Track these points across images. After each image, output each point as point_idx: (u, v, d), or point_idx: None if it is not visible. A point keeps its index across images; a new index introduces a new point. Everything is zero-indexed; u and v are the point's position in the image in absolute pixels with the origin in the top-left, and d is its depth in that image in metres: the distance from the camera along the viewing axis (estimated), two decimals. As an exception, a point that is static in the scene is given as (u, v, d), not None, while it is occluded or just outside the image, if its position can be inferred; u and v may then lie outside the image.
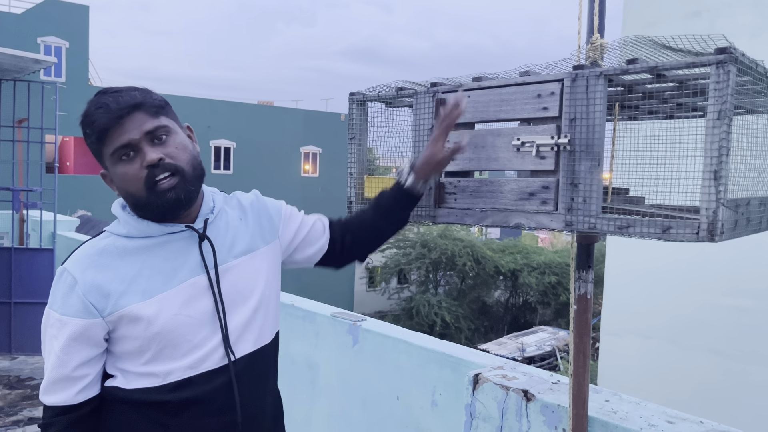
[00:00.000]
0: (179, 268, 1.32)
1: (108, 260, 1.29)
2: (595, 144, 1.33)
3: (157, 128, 1.28)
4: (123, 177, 1.27)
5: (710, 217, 1.19)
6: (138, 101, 1.27)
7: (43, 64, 4.89)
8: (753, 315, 5.14)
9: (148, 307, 1.27)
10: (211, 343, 1.33)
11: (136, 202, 1.29)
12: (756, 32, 5.43)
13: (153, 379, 1.30)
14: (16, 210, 5.82)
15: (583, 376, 1.79)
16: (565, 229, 1.38)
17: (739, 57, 1.18)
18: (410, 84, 1.71)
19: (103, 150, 1.28)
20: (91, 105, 1.28)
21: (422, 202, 1.66)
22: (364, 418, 2.79)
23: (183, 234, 1.34)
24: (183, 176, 1.29)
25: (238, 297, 1.38)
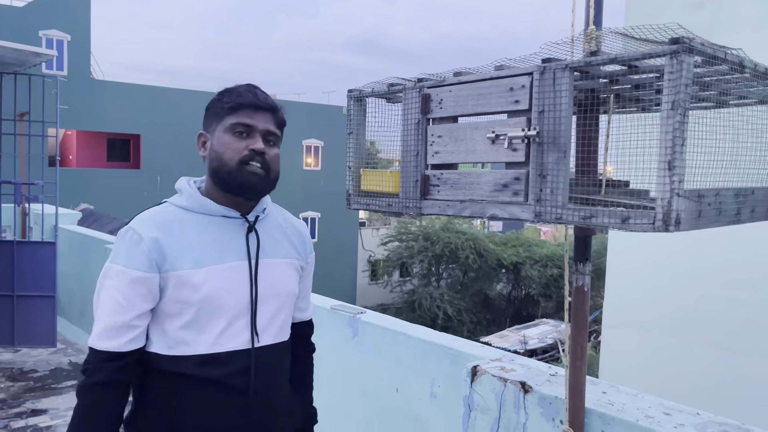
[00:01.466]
0: (227, 249, 1.47)
1: (168, 225, 1.44)
2: (562, 135, 1.36)
3: (274, 134, 1.52)
4: (228, 145, 1.46)
5: (665, 207, 1.20)
6: (276, 107, 1.53)
7: (44, 57, 4.89)
8: (752, 307, 5.15)
9: (196, 275, 1.41)
10: (240, 323, 1.47)
11: (220, 167, 1.46)
12: (758, 24, 5.41)
13: (184, 348, 1.43)
14: (18, 203, 5.84)
15: (581, 368, 1.80)
16: (535, 219, 1.41)
17: (698, 47, 1.17)
18: (400, 80, 1.74)
19: (227, 117, 1.47)
20: (240, 86, 1.51)
21: (410, 194, 1.70)
22: (363, 410, 2.81)
23: (236, 221, 1.51)
24: (268, 175, 1.49)
25: (271, 291, 1.53)
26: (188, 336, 1.44)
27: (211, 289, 1.43)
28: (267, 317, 1.53)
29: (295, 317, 1.72)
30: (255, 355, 1.49)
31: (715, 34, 5.89)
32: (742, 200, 1.49)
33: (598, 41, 1.56)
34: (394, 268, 27.38)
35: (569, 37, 1.55)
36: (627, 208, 1.33)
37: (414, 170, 1.70)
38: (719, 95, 1.55)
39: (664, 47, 1.20)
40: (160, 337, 1.45)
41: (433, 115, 1.66)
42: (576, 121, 1.70)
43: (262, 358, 1.51)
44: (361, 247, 29.29)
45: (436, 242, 25.33)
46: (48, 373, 4.98)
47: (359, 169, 1.91)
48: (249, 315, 1.49)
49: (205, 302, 1.42)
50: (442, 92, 1.63)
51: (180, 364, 1.44)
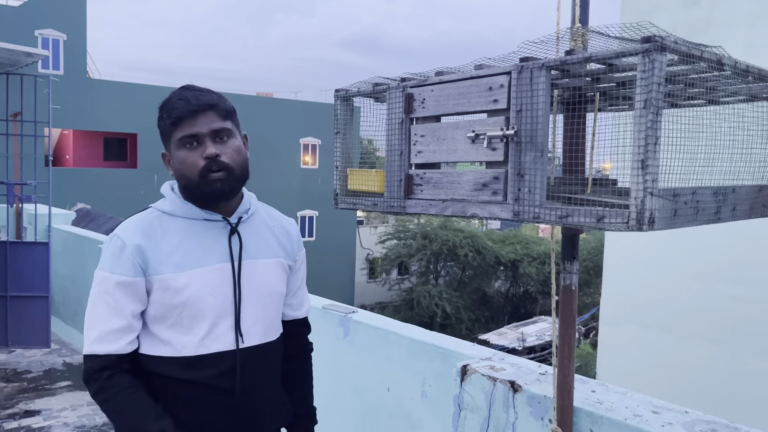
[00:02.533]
0: (210, 252, 1.49)
1: (151, 231, 1.47)
2: (539, 135, 1.36)
3: (222, 129, 1.48)
4: (183, 161, 1.46)
5: (638, 206, 1.20)
6: (213, 103, 1.48)
7: (36, 57, 4.87)
8: (749, 304, 5.15)
9: (178, 279, 1.44)
10: (225, 324, 1.49)
11: (187, 184, 1.48)
12: (754, 21, 5.40)
13: (169, 350, 1.46)
14: (11, 204, 5.82)
15: (569, 367, 1.79)
16: (513, 218, 1.41)
17: (671, 45, 1.16)
18: (385, 79, 1.74)
19: (173, 134, 1.47)
20: (174, 95, 1.49)
21: (394, 193, 1.69)
22: (355, 409, 2.80)
23: (218, 224, 1.52)
24: (231, 174, 1.48)
25: (255, 292, 1.54)
26: (173, 338, 1.46)
27: (194, 292, 1.45)
28: (252, 318, 1.53)
29: (288, 315, 1.72)
30: (240, 356, 1.51)
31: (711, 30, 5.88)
32: (722, 199, 1.48)
33: (584, 40, 1.56)
34: (392, 266, 27.39)
35: (548, 36, 1.54)
36: (606, 207, 1.32)
37: (398, 170, 1.70)
38: (704, 94, 1.54)
39: (636, 46, 1.20)
40: (147, 338, 1.48)
41: (416, 114, 1.65)
42: (563, 119, 1.69)
43: (247, 359, 1.52)
44: (359, 245, 29.29)
45: (434, 240, 25.33)
46: (42, 373, 4.97)
47: (346, 169, 1.91)
48: (233, 317, 1.50)
49: (188, 305, 1.45)
50: (425, 92, 1.62)
51: (166, 366, 1.46)
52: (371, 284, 29.56)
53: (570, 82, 1.60)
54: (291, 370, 1.74)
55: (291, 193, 25.99)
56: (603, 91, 1.70)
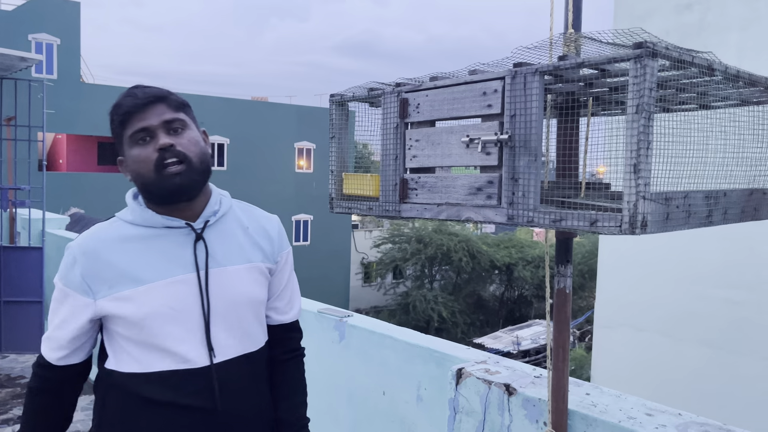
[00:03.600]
0: (172, 262, 1.39)
1: (109, 244, 1.39)
2: (533, 139, 1.37)
3: (175, 120, 1.40)
4: (137, 158, 1.38)
5: (631, 210, 1.21)
6: (162, 94, 1.41)
7: (30, 61, 4.86)
8: (744, 307, 5.17)
9: (137, 294, 1.35)
10: (193, 340, 1.39)
11: (144, 183, 1.39)
12: (746, 25, 5.44)
13: (139, 365, 1.38)
14: (5, 208, 5.80)
15: (563, 370, 1.80)
16: (508, 222, 1.42)
17: (662, 51, 1.18)
18: (380, 84, 1.75)
19: (123, 133, 1.39)
20: (121, 95, 1.42)
21: (389, 198, 1.70)
22: (350, 413, 2.80)
23: (182, 231, 1.42)
24: (190, 165, 1.38)
25: (227, 302, 1.43)
26: (141, 355, 1.38)
27: (155, 307, 1.36)
28: (224, 330, 1.43)
29: (274, 320, 1.61)
30: (216, 371, 1.40)
31: (703, 35, 5.93)
32: (714, 202, 1.50)
33: (577, 45, 1.57)
34: (387, 271, 27.39)
35: (541, 42, 1.56)
36: (598, 210, 1.33)
37: (393, 174, 1.71)
38: (696, 98, 1.56)
39: (628, 51, 1.22)
40: (115, 353, 1.41)
41: (411, 119, 1.66)
42: (557, 124, 1.70)
43: (225, 374, 1.42)
44: (354, 249, 29.28)
45: (429, 244, 25.36)
46: (36, 379, 4.95)
47: (341, 173, 1.92)
48: (203, 331, 1.40)
49: (149, 321, 1.36)
50: (419, 97, 1.63)
51: (137, 384, 1.38)
52: (366, 288, 29.55)
53: (563, 87, 1.61)
54: (279, 377, 1.62)
55: (285, 198, 25.97)
56: (596, 95, 1.72)
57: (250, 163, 25.25)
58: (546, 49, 1.58)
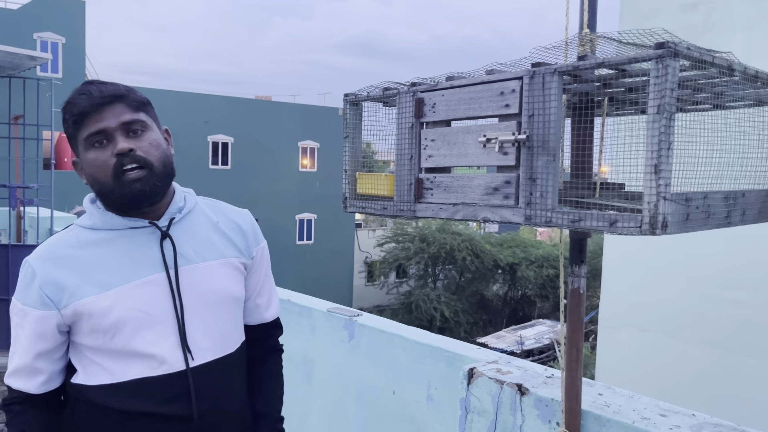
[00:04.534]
0: (139, 263, 1.32)
1: (69, 252, 1.31)
2: (551, 139, 1.37)
3: (134, 121, 1.31)
4: (93, 162, 1.29)
5: (651, 211, 1.21)
6: (121, 93, 1.30)
7: (38, 60, 4.88)
8: (750, 308, 5.16)
9: (103, 300, 1.28)
10: (168, 343, 1.31)
11: (101, 189, 1.31)
12: (752, 24, 5.42)
13: (110, 376, 1.30)
14: (13, 207, 5.82)
15: (576, 370, 1.80)
16: (525, 222, 1.42)
17: (684, 51, 1.18)
18: (395, 84, 1.75)
19: (78, 134, 1.30)
20: (74, 92, 1.31)
21: (404, 197, 1.70)
22: (360, 413, 2.81)
23: (146, 230, 1.35)
24: (151, 170, 1.30)
25: (200, 300, 1.36)
26: (112, 365, 1.30)
27: (124, 311, 1.28)
28: (201, 331, 1.35)
29: (254, 319, 1.55)
30: (192, 376, 1.32)
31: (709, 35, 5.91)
32: (732, 203, 1.50)
33: (593, 45, 1.57)
34: (390, 270, 27.39)
35: (560, 42, 1.56)
36: (617, 211, 1.33)
37: (408, 174, 1.71)
38: (712, 98, 1.56)
39: (650, 52, 1.22)
40: (85, 367, 1.33)
41: (427, 119, 1.67)
42: (571, 124, 1.70)
43: (202, 378, 1.34)
44: (357, 248, 29.29)
45: (432, 243, 25.35)
46: (43, 377, 4.96)
47: (355, 173, 1.92)
48: (177, 333, 1.32)
49: (120, 326, 1.28)
50: (435, 96, 1.63)
51: (109, 396, 1.30)
52: (369, 287, 29.55)
53: (578, 88, 1.61)
54: (258, 373, 1.55)
55: (289, 196, 26.00)
56: (610, 96, 1.72)
57: (254, 162, 25.28)
58: (560, 49, 1.58)
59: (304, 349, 3.09)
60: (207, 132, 24.04)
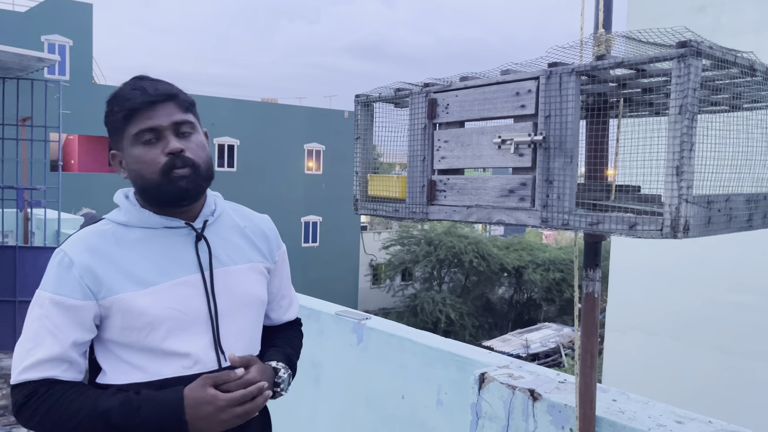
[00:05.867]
0: (174, 263, 1.32)
1: (105, 246, 1.30)
2: (568, 141, 1.34)
3: (185, 122, 1.32)
4: (140, 159, 1.29)
5: (673, 214, 1.18)
6: (174, 92, 1.32)
7: (47, 62, 4.88)
8: (757, 312, 5.12)
9: (140, 297, 1.27)
10: (202, 343, 1.32)
11: (146, 185, 1.31)
12: (761, 27, 5.39)
13: (142, 374, 1.28)
14: (20, 208, 5.83)
15: (591, 376, 1.77)
16: (542, 225, 1.39)
17: (706, 50, 1.16)
18: (407, 85, 1.73)
19: (126, 129, 1.30)
20: (126, 86, 1.32)
21: (416, 200, 1.67)
22: (368, 417, 2.78)
23: (181, 231, 1.35)
24: (197, 171, 1.32)
25: (233, 302, 1.38)
26: (145, 363, 1.29)
27: (160, 310, 1.28)
28: (233, 333, 1.37)
29: (279, 319, 1.59)
30: None
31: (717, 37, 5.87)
32: (754, 206, 1.47)
33: (608, 45, 1.55)
34: (395, 272, 27.36)
35: (577, 41, 1.53)
36: (635, 213, 1.31)
37: (420, 175, 1.68)
38: (731, 99, 1.53)
39: (672, 51, 1.19)
40: (115, 365, 1.30)
41: (440, 120, 1.64)
42: (586, 125, 1.68)
43: None
44: (362, 251, 29.27)
45: (438, 246, 25.30)
46: (50, 379, 4.95)
47: (366, 175, 1.90)
48: (210, 333, 1.33)
49: (156, 325, 1.27)
50: (449, 97, 1.61)
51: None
52: (375, 290, 29.52)
53: (594, 88, 1.59)
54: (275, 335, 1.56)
55: (295, 199, 26.01)
56: (626, 97, 1.70)
57: (260, 164, 25.30)
58: (575, 49, 1.56)
59: (312, 353, 3.07)
60: (213, 134, 24.09)
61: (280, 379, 1.40)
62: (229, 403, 1.22)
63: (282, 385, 1.40)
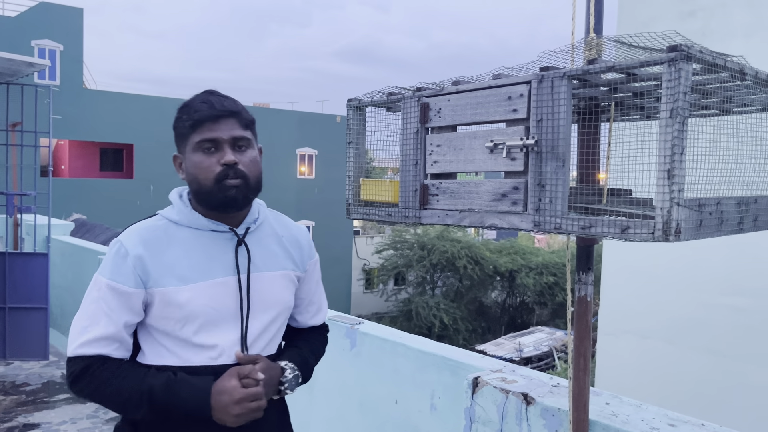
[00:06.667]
0: (215, 264, 1.46)
1: (156, 241, 1.44)
2: (560, 145, 1.35)
3: (242, 138, 1.46)
4: (198, 165, 1.44)
5: (664, 217, 1.19)
6: (237, 110, 1.47)
7: (37, 67, 4.85)
8: (750, 314, 5.14)
9: (181, 292, 1.41)
10: (230, 339, 1.46)
11: (200, 189, 1.45)
12: (750, 32, 5.43)
13: (177, 359, 1.44)
14: (10, 214, 5.78)
15: (584, 380, 1.77)
16: (534, 229, 1.40)
17: (697, 55, 1.16)
18: (399, 89, 1.73)
19: (191, 136, 1.45)
20: (197, 98, 1.47)
21: (409, 204, 1.68)
22: (362, 423, 2.77)
23: (225, 234, 1.49)
24: (247, 183, 1.45)
25: (262, 305, 1.52)
26: (179, 350, 1.44)
27: (197, 306, 1.42)
28: (257, 331, 1.51)
29: (306, 323, 1.71)
30: None
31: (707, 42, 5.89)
32: (745, 209, 1.48)
33: (599, 49, 1.55)
34: (388, 277, 27.33)
35: (568, 46, 1.54)
36: (627, 217, 1.31)
37: (413, 180, 1.68)
38: (721, 103, 1.54)
39: (662, 55, 1.19)
40: (153, 347, 1.46)
41: (432, 124, 1.64)
42: (577, 129, 1.68)
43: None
44: (355, 255, 29.24)
45: (431, 251, 25.30)
46: (40, 386, 4.91)
47: (359, 179, 1.89)
48: (239, 330, 1.48)
49: (191, 319, 1.42)
50: (441, 101, 1.61)
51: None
52: (368, 295, 29.48)
53: (585, 92, 1.59)
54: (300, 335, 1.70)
55: (287, 203, 25.96)
56: (617, 101, 1.70)
57: (252, 169, 25.23)
58: (566, 53, 1.56)
59: (305, 358, 3.05)
60: (205, 139, 24.00)
61: (285, 378, 1.51)
62: (244, 398, 1.37)
63: (286, 384, 1.52)
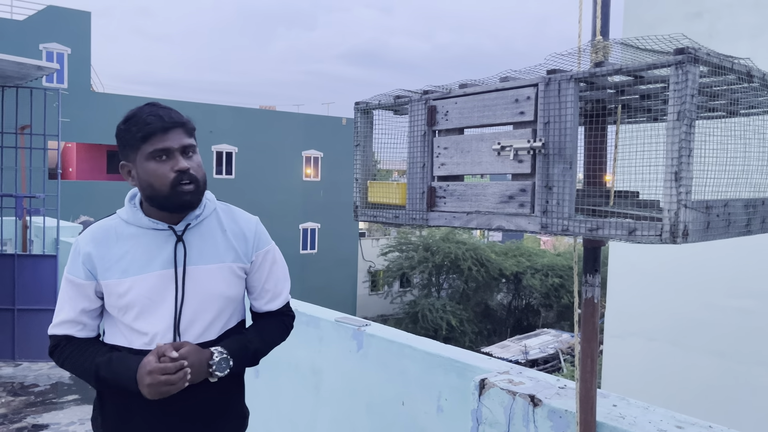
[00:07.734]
0: (154, 258, 1.64)
1: (106, 239, 1.65)
2: (567, 147, 1.36)
3: (190, 146, 1.64)
4: (153, 173, 1.59)
5: (672, 219, 1.19)
6: (183, 121, 1.64)
7: (46, 70, 4.89)
8: (756, 316, 5.12)
9: (122, 284, 1.62)
10: (163, 325, 1.64)
11: (154, 194, 1.61)
12: (757, 33, 5.41)
13: (125, 340, 1.65)
14: (19, 216, 5.82)
15: (591, 381, 1.77)
16: (541, 231, 1.40)
17: (704, 57, 1.16)
18: (406, 92, 1.75)
19: (142, 146, 1.59)
20: (143, 111, 1.61)
21: (416, 206, 1.70)
22: (368, 424, 2.78)
23: (165, 232, 1.66)
24: (198, 186, 1.63)
25: (198, 296, 1.67)
26: (126, 333, 1.65)
27: (134, 296, 1.61)
28: (189, 319, 1.66)
29: (262, 309, 1.84)
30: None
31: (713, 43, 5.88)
32: (752, 211, 1.48)
33: (606, 52, 1.56)
34: (394, 279, 27.32)
35: (575, 48, 1.54)
36: (635, 219, 1.31)
37: (420, 182, 1.69)
38: (728, 105, 1.54)
39: (669, 58, 1.20)
40: (109, 329, 1.70)
41: (439, 126, 1.65)
42: (584, 131, 1.69)
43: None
44: (361, 257, 29.24)
45: (436, 252, 25.29)
46: (49, 387, 4.94)
47: (366, 181, 1.90)
48: (173, 318, 1.64)
49: (130, 307, 1.62)
50: (448, 104, 1.62)
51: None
52: (373, 296, 29.47)
53: (592, 95, 1.60)
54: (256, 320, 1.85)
55: (293, 206, 26.01)
56: (624, 103, 1.71)
57: (258, 171, 25.30)
58: (573, 56, 1.57)
59: (312, 360, 3.06)
60: (211, 141, 24.09)
61: (212, 361, 1.64)
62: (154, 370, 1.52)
63: (214, 366, 1.63)
